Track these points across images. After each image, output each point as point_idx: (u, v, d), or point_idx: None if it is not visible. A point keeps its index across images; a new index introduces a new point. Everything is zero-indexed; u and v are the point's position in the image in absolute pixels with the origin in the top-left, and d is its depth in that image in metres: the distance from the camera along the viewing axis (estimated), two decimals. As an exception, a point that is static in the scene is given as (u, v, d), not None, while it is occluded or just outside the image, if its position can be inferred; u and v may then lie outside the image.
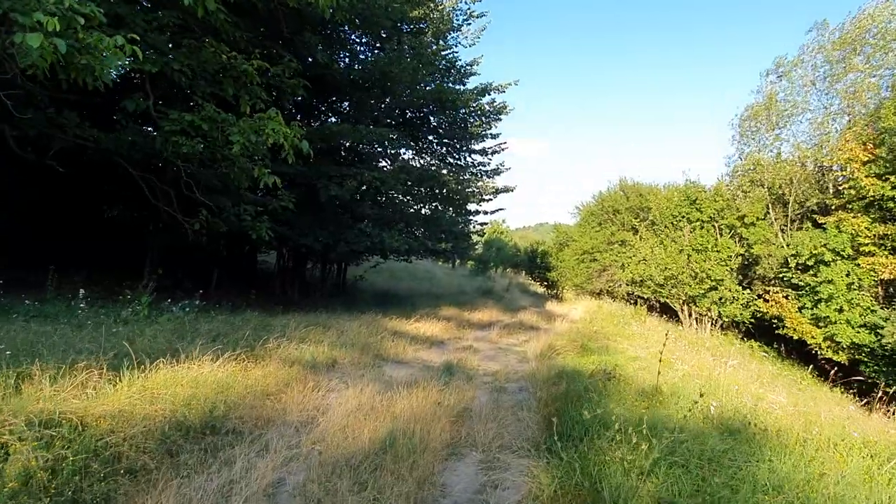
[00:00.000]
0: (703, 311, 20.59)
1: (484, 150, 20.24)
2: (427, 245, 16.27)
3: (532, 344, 12.61)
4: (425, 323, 13.31)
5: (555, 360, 10.18)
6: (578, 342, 13.04)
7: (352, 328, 10.48)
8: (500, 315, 18.61)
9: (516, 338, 14.28)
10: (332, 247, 15.10)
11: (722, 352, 17.09)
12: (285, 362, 7.11)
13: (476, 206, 20.20)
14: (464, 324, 15.10)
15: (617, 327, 17.20)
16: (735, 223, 20.62)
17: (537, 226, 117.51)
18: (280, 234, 14.52)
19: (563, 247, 33.63)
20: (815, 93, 22.60)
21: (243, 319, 10.24)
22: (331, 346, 8.72)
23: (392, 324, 12.53)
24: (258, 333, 8.67)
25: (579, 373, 8.08)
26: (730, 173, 24.05)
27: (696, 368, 10.73)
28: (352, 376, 7.66)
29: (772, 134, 23.06)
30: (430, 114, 18.89)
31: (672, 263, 20.66)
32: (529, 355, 11.47)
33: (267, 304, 16.05)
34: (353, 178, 14.01)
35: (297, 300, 17.19)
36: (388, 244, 14.34)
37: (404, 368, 8.75)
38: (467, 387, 7.64)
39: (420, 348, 10.74)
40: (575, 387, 6.88)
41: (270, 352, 7.49)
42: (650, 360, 11.38)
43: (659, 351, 13.59)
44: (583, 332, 15.09)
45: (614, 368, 8.39)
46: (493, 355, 11.32)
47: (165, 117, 9.87)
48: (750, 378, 10.41)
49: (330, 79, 14.70)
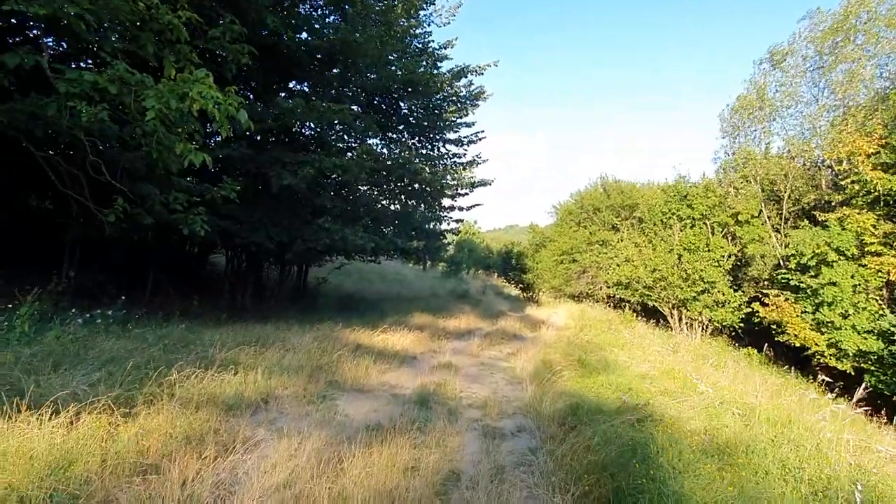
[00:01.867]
0: (695, 316, 18.85)
1: (459, 140, 18.15)
2: (396, 244, 14.11)
3: (520, 358, 10.56)
4: (395, 334, 11.14)
5: (554, 382, 8.13)
6: (573, 355, 11.04)
7: (302, 344, 8.26)
8: (478, 322, 16.53)
9: (500, 349, 12.22)
10: (287, 245, 12.83)
11: (723, 362, 15.33)
12: (189, 405, 4.88)
13: (451, 201, 18.11)
14: (439, 333, 12.96)
15: (608, 335, 15.29)
16: (728, 221, 18.96)
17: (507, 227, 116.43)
18: (225, 230, 12.20)
19: (540, 248, 31.78)
20: (806, 84, 21.21)
21: (162, 334, 7.93)
22: (268, 371, 6.51)
23: (355, 336, 10.32)
24: (171, 356, 6.42)
25: (599, 409, 6.02)
26: (720, 168, 22.49)
27: (725, 391, 8.81)
28: (290, 418, 5.48)
29: (763, 126, 21.56)
30: (401, 99, 16.74)
31: (662, 264, 18.89)
32: (520, 373, 9.41)
33: (211, 311, 13.67)
34: (310, 166, 11.77)
35: (249, 307, 14.84)
36: (352, 242, 12.14)
37: (366, 401, 6.58)
38: (450, 429, 5.52)
39: (388, 368, 8.57)
40: (608, 445, 4.78)
41: (176, 386, 5.25)
42: (663, 380, 9.44)
43: (667, 365, 11.74)
44: (574, 343, 13.11)
45: (646, 405, 6.34)
46: (477, 375, 9.22)
47: (62, 77, 7.53)
48: (800, 407, 8.50)
49: (284, 51, 12.43)
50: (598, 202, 27.47)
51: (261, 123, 11.62)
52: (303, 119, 11.67)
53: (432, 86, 15.72)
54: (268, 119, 11.61)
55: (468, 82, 16.70)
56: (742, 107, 21.85)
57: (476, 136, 18.33)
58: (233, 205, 12.11)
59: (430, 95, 16.37)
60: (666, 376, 10.06)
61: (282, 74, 13.45)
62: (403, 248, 15.10)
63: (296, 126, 12.37)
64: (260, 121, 11.65)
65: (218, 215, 11.83)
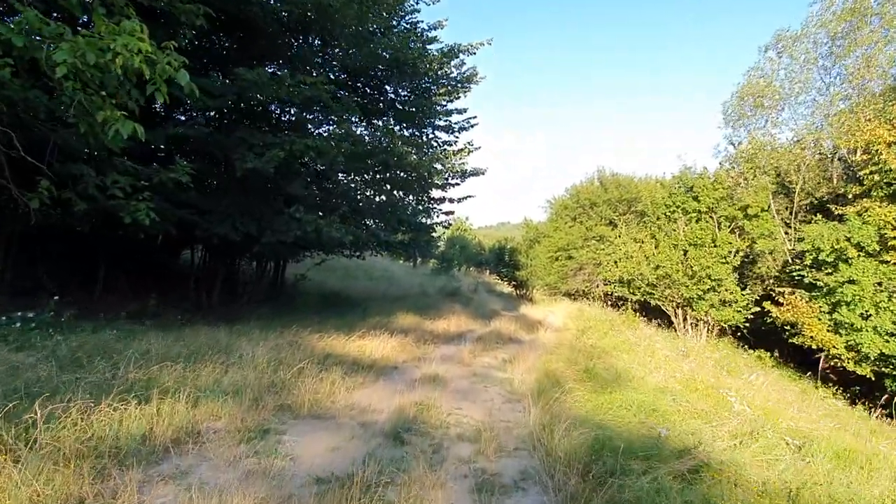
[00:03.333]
0: (701, 316, 17.43)
1: (450, 127, 16.59)
2: (379, 237, 12.56)
3: (519, 367, 9.03)
4: (374, 338, 9.56)
5: (562, 401, 6.61)
6: (578, 363, 9.55)
7: (256, 354, 6.68)
8: (469, 322, 14.98)
9: (495, 355, 10.68)
10: (255, 238, 11.25)
11: (737, 366, 13.91)
12: (55, 458, 3.33)
13: (441, 192, 16.52)
14: (426, 337, 11.41)
15: (611, 338, 13.82)
16: (736, 214, 17.54)
17: (499, 225, 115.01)
18: (183, 221, 10.63)
19: (534, 244, 30.32)
20: (817, 71, 19.80)
21: (81, 343, 6.33)
22: (196, 396, 4.95)
23: (325, 342, 8.74)
24: (69, 375, 4.85)
25: (629, 447, 4.48)
26: (725, 161, 21.07)
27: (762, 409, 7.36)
28: (212, 466, 3.94)
29: (770, 116, 20.15)
30: (387, 81, 15.16)
31: (666, 261, 17.44)
32: (519, 387, 7.87)
33: (171, 312, 12.08)
34: (280, 148, 10.19)
35: (217, 306, 13.23)
36: (327, 234, 10.56)
37: (324, 433, 5.03)
38: (431, 479, 3.97)
39: (360, 383, 7.01)
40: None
41: (41, 429, 3.66)
42: (687, 395, 7.95)
43: (684, 374, 10.27)
44: (576, 347, 11.63)
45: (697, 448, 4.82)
46: (469, 389, 7.67)
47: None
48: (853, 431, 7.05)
49: (251, 18, 10.83)
50: (594, 196, 26.04)
51: (221, 99, 10.03)
52: (268, 93, 10.06)
53: (420, 66, 14.12)
54: (229, 94, 10.01)
55: (459, 62, 15.14)
56: (748, 94, 20.43)
57: (468, 123, 16.77)
58: (192, 192, 10.54)
59: (419, 77, 14.79)
60: (688, 388, 8.59)
61: (247, 47, 11.83)
62: (387, 241, 13.56)
63: (261, 102, 10.73)
64: (220, 96, 10.06)
65: (174, 203, 10.23)
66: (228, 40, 12.22)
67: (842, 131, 17.19)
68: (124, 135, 6.18)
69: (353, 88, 14.89)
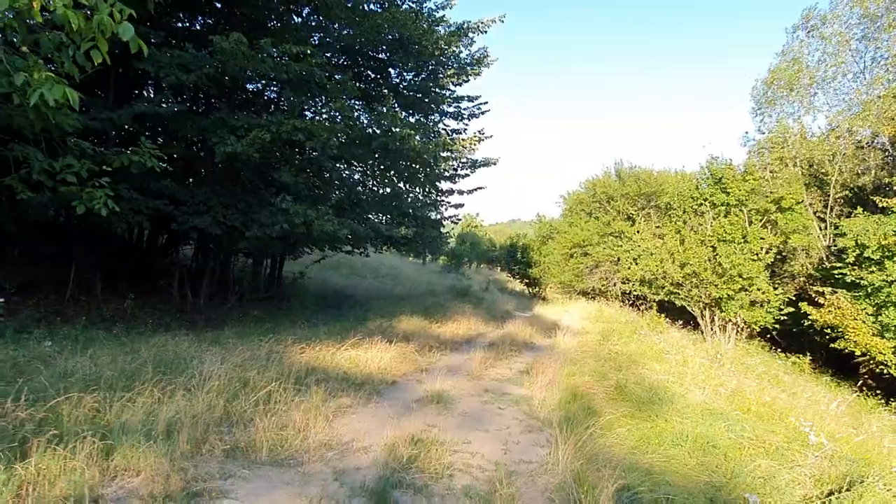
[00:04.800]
0: (731, 317, 15.88)
1: (459, 113, 15.17)
2: (380, 231, 11.17)
3: (538, 381, 7.60)
4: (370, 347, 8.19)
5: (599, 437, 5.22)
6: (607, 377, 8.13)
7: (216, 373, 5.32)
8: (480, 325, 13.55)
9: (509, 365, 9.27)
10: (239, 231, 9.93)
11: (776, 375, 12.40)
12: None
13: (450, 183, 15.10)
14: (431, 343, 10.01)
15: (636, 343, 12.35)
16: (769, 207, 15.94)
17: (510, 222, 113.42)
18: (158, 212, 9.32)
19: (547, 240, 28.83)
20: (850, 53, 18.14)
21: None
22: (115, 440, 3.62)
23: (311, 354, 7.36)
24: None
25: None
26: (755, 150, 19.43)
27: (843, 440, 5.91)
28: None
29: (802, 101, 18.52)
30: (391, 64, 13.78)
31: (693, 258, 15.90)
32: (540, 409, 6.47)
33: (149, 315, 10.81)
34: (265, 130, 8.85)
35: (202, 308, 11.93)
36: (318, 228, 9.19)
37: (282, 494, 3.66)
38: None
39: (346, 407, 5.65)
40: None
41: None
42: (740, 417, 6.52)
43: (726, 387, 8.82)
44: (600, 356, 10.20)
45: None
46: (479, 413, 6.27)
47: None
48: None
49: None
50: (611, 190, 24.47)
51: (196, 73, 8.69)
52: (248, 66, 8.70)
53: (427, 45, 12.74)
54: (207, 67, 8.67)
55: (469, 41, 13.71)
56: (778, 78, 18.80)
57: (478, 109, 15.35)
58: (167, 181, 9.25)
59: (425, 58, 13.39)
60: (740, 409, 7.16)
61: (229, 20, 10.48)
62: (390, 236, 12.16)
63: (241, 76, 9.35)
64: (195, 70, 8.73)
65: (145, 193, 8.94)
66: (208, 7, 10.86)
67: (885, 117, 15.57)
68: (50, 100, 4.82)
69: (355, 73, 13.57)
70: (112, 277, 11.68)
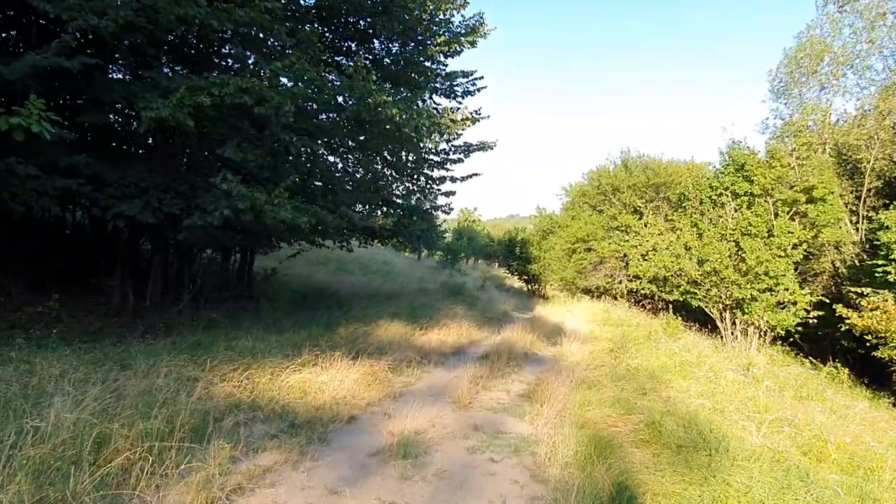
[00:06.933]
0: (754, 320, 13.99)
1: (451, 90, 13.21)
2: (353, 220, 9.23)
3: (543, 413, 5.72)
4: (332, 365, 6.30)
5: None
6: (634, 407, 6.24)
7: (62, 427, 3.45)
8: (474, 331, 11.64)
9: (506, 387, 7.38)
10: (178, 219, 8.01)
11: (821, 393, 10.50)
12: None
13: (441, 171, 13.16)
14: (411, 356, 8.11)
15: (655, 353, 10.47)
16: (798, 198, 14.02)
17: (509, 217, 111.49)
18: (68, 193, 7.39)
19: (548, 234, 26.93)
20: (886, 30, 16.22)
21: None
22: None
23: (236, 381, 5.45)
24: None
25: None
26: (775, 136, 17.50)
27: None
28: None
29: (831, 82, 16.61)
30: (373, 34, 11.83)
31: (713, 253, 14.01)
32: (550, 469, 4.54)
33: (73, 321, 8.91)
34: (204, 92, 6.94)
35: (147, 311, 10.00)
36: (271, 215, 7.29)
37: None
38: None
39: (261, 477, 3.77)
40: None
41: None
42: (822, 470, 4.63)
43: (795, 425, 6.81)
44: (618, 373, 8.30)
45: None
46: (463, 471, 4.38)
47: None
48: None
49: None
50: (617, 181, 22.55)
51: (110, 17, 6.74)
52: (173, 11, 6.76)
53: (412, 7, 10.84)
54: (124, 11, 6.71)
55: (463, 1, 11.78)
56: (801, 58, 16.89)
57: (473, 85, 13.38)
58: (82, 156, 7.31)
59: (412, 25, 11.47)
60: (810, 450, 5.29)
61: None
62: (368, 227, 10.25)
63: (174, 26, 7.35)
64: (111, 13, 6.78)
65: (49, 170, 7.00)
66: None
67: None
68: None
69: (331, 44, 11.69)
70: (39, 276, 9.78)
